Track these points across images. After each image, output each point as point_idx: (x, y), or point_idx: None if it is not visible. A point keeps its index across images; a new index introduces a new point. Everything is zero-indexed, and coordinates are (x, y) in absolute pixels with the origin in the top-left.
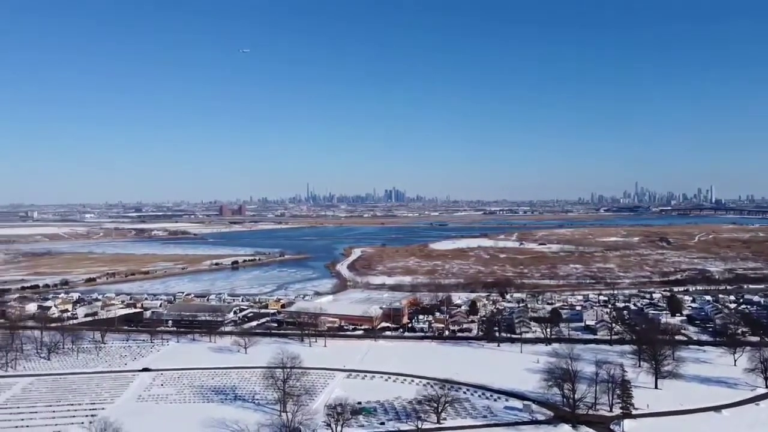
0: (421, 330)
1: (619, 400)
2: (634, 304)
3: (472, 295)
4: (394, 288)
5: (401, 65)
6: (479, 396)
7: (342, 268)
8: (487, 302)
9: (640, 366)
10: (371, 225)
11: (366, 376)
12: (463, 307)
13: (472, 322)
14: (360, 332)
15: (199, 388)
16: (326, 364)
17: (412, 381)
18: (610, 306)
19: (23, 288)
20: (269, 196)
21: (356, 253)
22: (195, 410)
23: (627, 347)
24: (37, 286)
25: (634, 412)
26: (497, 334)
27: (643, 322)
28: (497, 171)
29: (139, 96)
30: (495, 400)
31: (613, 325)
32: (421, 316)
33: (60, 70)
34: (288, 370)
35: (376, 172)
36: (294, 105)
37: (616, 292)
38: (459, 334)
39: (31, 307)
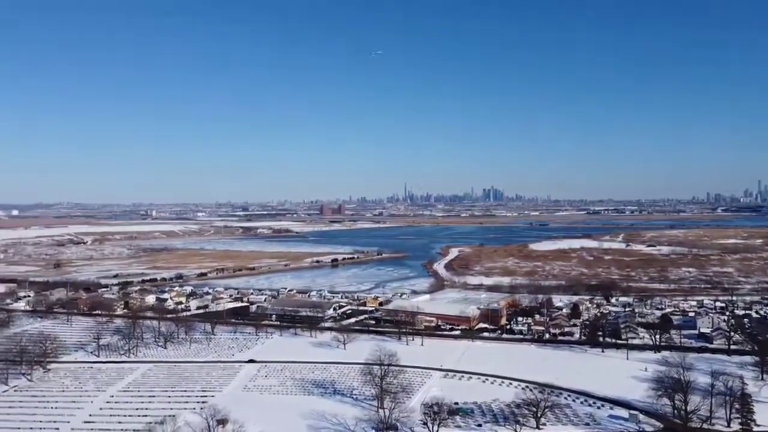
0: (520, 332)
1: (737, 415)
2: (757, 312)
3: (574, 298)
4: (492, 288)
5: (510, 65)
6: (581, 402)
7: (439, 267)
8: (590, 305)
9: (763, 379)
10: (469, 224)
11: (463, 376)
12: (564, 310)
13: (574, 325)
14: (457, 332)
15: (300, 380)
16: (423, 363)
17: (511, 384)
18: (728, 313)
19: (143, 281)
20: (368, 196)
21: (453, 252)
22: (296, 402)
23: (747, 358)
24: (155, 280)
25: (755, 429)
26: (601, 339)
27: (766, 331)
28: (601, 169)
29: (248, 101)
30: (598, 407)
31: (732, 333)
32: (520, 318)
33: (176, 87)
34: (385, 367)
35: (474, 171)
36: (393, 106)
37: (735, 298)
38: (560, 338)
39: (150, 299)
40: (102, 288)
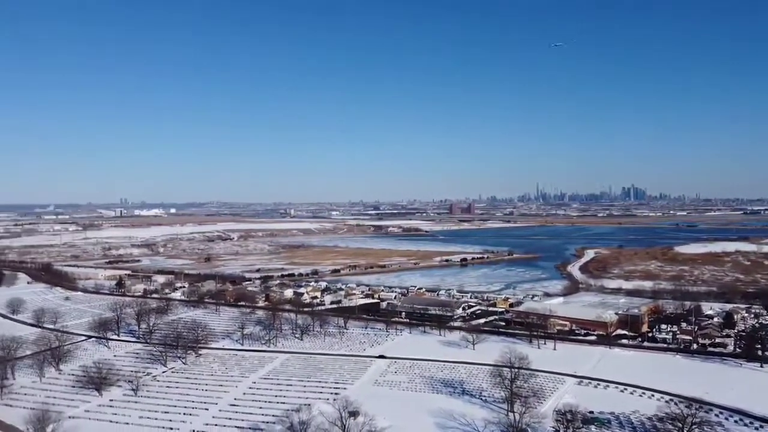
0: (663, 341)
1: None
2: None
3: (728, 306)
4: (631, 293)
5: (655, 50)
6: (735, 421)
7: (573, 269)
8: (746, 315)
9: None
10: (606, 225)
11: (599, 384)
12: (715, 319)
13: (727, 336)
14: (593, 338)
15: (429, 378)
16: (556, 368)
17: (653, 395)
18: None
19: (282, 276)
20: (498, 195)
21: (589, 254)
22: (425, 399)
23: None
24: (293, 275)
25: None
26: (760, 352)
27: None
28: (761, 164)
29: (375, 101)
30: (756, 428)
31: None
32: (663, 326)
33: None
34: (516, 370)
35: (613, 168)
36: (525, 102)
37: None
38: (710, 349)
39: (288, 293)
40: (246, 281)
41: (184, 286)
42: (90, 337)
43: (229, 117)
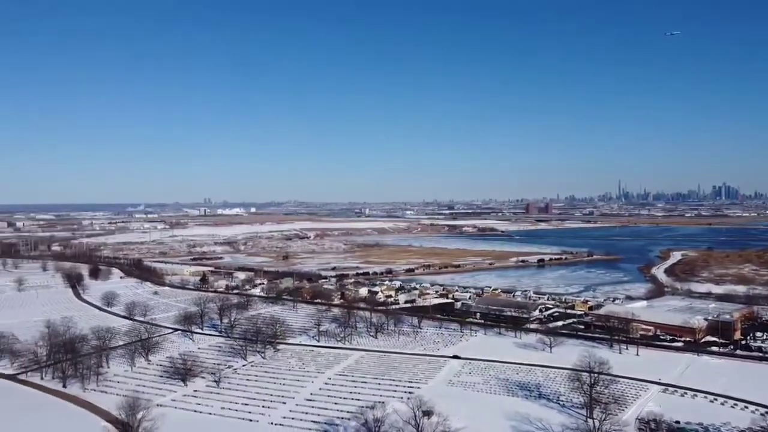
0: (759, 349)
1: None
2: None
3: None
4: (722, 298)
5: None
6: None
7: (658, 272)
8: None
9: None
10: (694, 225)
11: (686, 393)
12: None
13: None
14: (679, 344)
15: (504, 380)
16: (638, 375)
17: (746, 407)
18: None
19: (357, 274)
20: (577, 194)
21: (675, 256)
22: (499, 401)
23: None
24: (367, 273)
25: None
26: None
27: None
28: None
29: (444, 102)
30: None
31: None
32: (758, 333)
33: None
34: (596, 375)
35: (701, 166)
36: (606, 98)
37: None
38: None
39: (363, 291)
40: (322, 279)
41: (263, 283)
42: (176, 329)
43: (306, 118)
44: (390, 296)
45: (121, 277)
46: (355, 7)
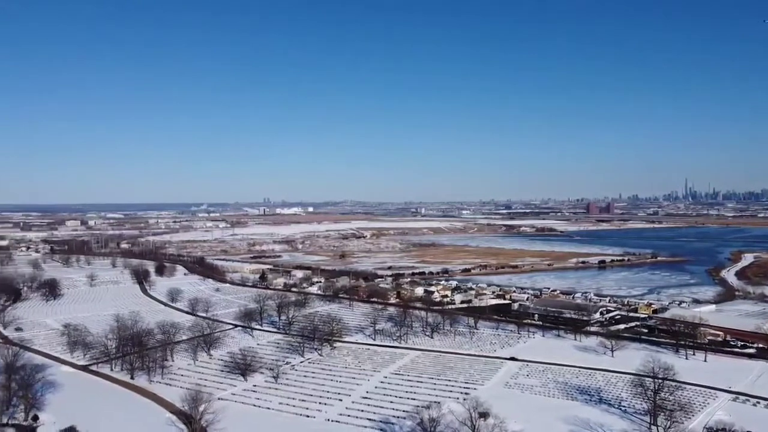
0: None
1: None
2: None
3: None
4: None
5: None
6: None
7: (728, 274)
8: None
9: None
10: None
11: (758, 402)
12: None
13: None
14: (751, 350)
15: (563, 384)
16: (706, 382)
17: None
18: None
19: (413, 274)
20: (640, 194)
21: (747, 258)
22: (558, 405)
23: None
24: (423, 273)
25: None
26: None
27: None
28: None
29: (498, 100)
30: None
31: None
32: None
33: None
34: (660, 380)
35: None
36: (671, 93)
37: None
38: None
39: (419, 291)
40: (378, 278)
41: (320, 281)
42: (236, 325)
43: (362, 118)
44: (446, 296)
45: (185, 274)
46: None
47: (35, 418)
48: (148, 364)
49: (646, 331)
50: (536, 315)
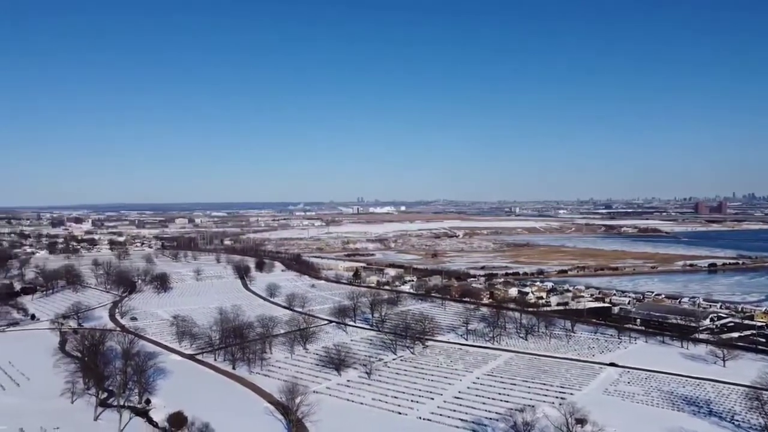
0: None
1: None
2: None
3: None
4: None
5: None
6: None
7: None
8: None
9: None
10: None
11: None
12: None
13: None
14: None
15: (668, 393)
16: None
17: None
18: None
19: (506, 274)
20: (757, 192)
21: None
22: (662, 415)
23: None
24: (517, 273)
25: None
26: None
27: None
28: None
29: (597, 96)
30: None
31: None
32: None
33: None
34: None
35: None
36: None
37: None
38: None
39: (513, 292)
40: (470, 278)
41: (412, 280)
42: (331, 321)
43: (456, 117)
44: (541, 297)
45: (282, 270)
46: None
47: (148, 401)
48: (249, 356)
49: (763, 340)
50: (638, 319)
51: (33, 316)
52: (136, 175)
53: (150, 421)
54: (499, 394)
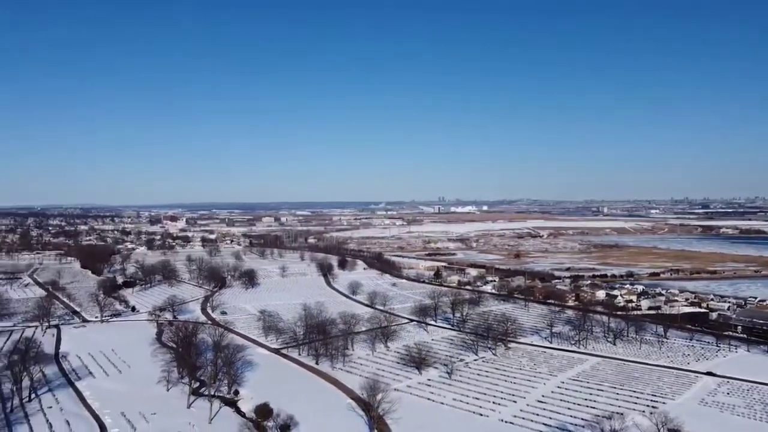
0: None
1: None
2: None
3: None
4: None
5: None
6: None
7: None
8: None
9: None
10: None
11: None
12: None
13: None
14: None
15: None
16: None
17: None
18: None
19: (593, 276)
20: None
21: None
22: (764, 430)
23: None
24: (605, 276)
25: None
26: None
27: None
28: None
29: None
30: None
31: None
32: None
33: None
34: None
35: None
36: None
37: None
38: None
39: (600, 294)
40: (555, 279)
41: (494, 280)
42: (411, 320)
43: (538, 114)
44: (631, 301)
45: (364, 269)
46: None
47: (236, 392)
48: (331, 352)
49: None
50: (739, 327)
51: (133, 308)
52: (227, 176)
53: (238, 411)
54: (585, 399)
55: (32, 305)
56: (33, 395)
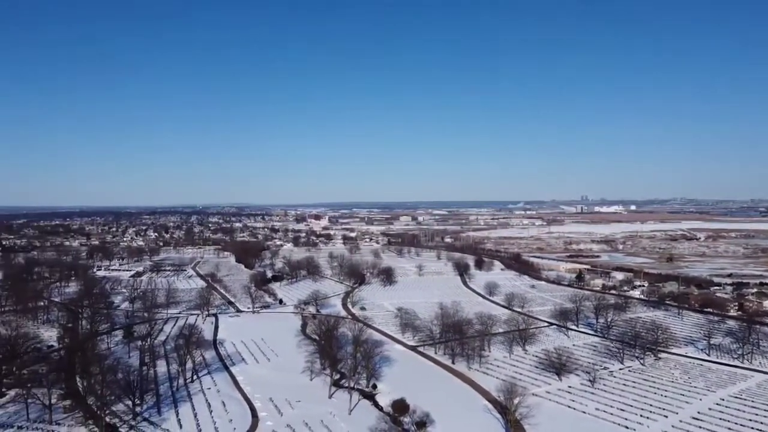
0: None
1: None
2: None
3: None
4: None
5: None
6: None
7: None
8: None
9: None
10: None
11: None
12: None
13: None
14: None
15: None
16: None
17: None
18: None
19: (761, 284)
20: None
21: None
22: None
23: None
24: None
25: None
26: None
27: None
28: None
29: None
30: None
31: None
32: None
33: None
34: None
35: None
36: None
37: None
38: None
39: None
40: (714, 286)
41: (643, 285)
42: (551, 324)
43: (696, 103)
44: None
45: (501, 269)
46: None
47: (374, 386)
48: (467, 352)
49: None
50: None
51: (281, 301)
52: (366, 176)
53: (376, 404)
54: (750, 420)
55: (195, 295)
56: (195, 377)
